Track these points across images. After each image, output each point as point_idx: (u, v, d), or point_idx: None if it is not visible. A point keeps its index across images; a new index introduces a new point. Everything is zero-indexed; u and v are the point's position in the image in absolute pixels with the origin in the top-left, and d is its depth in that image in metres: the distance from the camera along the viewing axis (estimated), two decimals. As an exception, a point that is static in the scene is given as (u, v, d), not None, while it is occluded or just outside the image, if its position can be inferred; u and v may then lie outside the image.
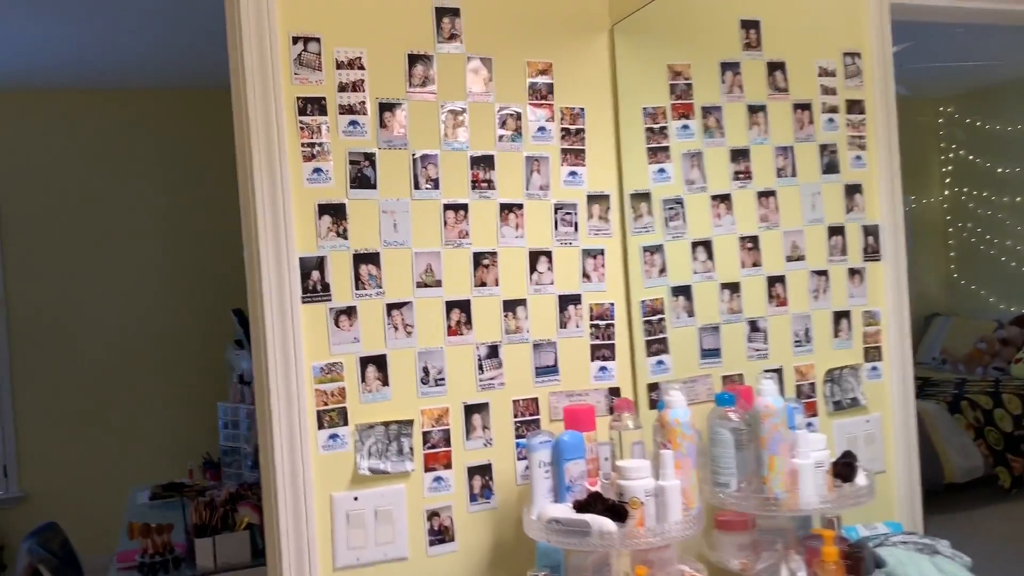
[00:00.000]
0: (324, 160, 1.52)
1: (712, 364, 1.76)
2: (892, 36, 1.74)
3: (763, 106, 1.74)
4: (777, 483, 1.44)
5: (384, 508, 1.54)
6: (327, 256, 1.52)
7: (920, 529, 1.69)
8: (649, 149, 1.75)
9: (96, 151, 5.28)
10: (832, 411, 1.73)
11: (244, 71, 1.47)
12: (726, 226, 1.75)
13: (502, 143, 1.64)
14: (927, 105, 2.26)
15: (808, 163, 1.74)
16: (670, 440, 1.41)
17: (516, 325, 1.65)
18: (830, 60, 1.75)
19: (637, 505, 1.35)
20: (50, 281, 5.20)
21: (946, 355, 2.36)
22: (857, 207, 1.74)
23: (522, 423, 1.65)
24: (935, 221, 2.21)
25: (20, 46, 4.28)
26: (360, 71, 1.54)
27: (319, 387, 1.51)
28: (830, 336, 1.74)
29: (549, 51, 1.68)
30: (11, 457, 5.13)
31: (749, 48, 1.76)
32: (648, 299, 1.75)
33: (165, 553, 2.78)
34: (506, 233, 1.64)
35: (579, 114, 1.70)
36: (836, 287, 1.73)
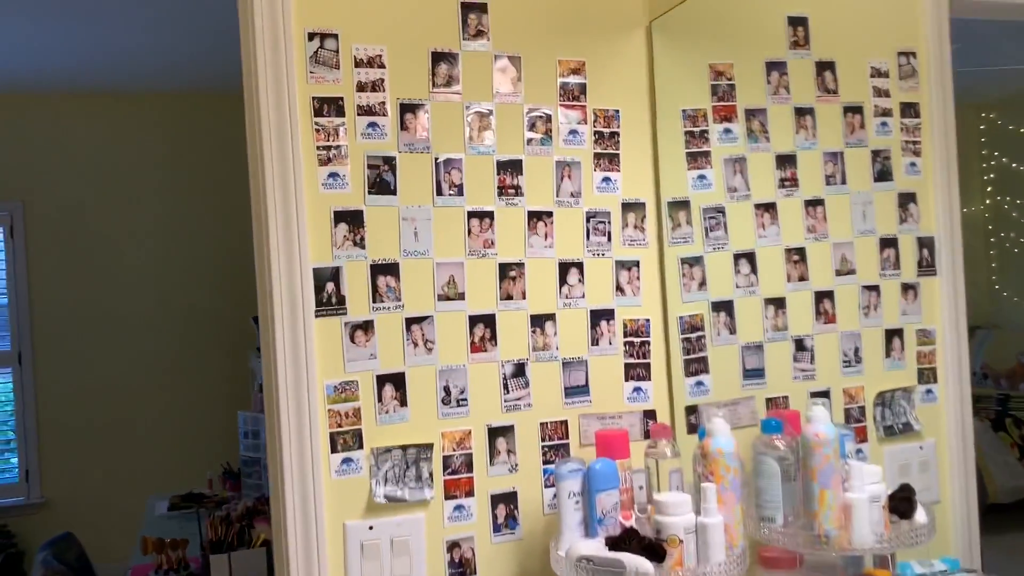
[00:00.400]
0: (341, 164, 1.42)
1: (755, 385, 1.64)
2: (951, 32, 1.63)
3: (811, 108, 1.63)
4: (828, 519, 1.31)
5: (401, 538, 1.43)
6: (343, 266, 1.42)
7: (978, 565, 1.56)
8: (688, 154, 1.64)
9: (120, 155, 5.25)
10: (883, 437, 1.61)
11: (256, 70, 1.38)
12: (771, 237, 1.63)
13: (531, 147, 1.53)
14: (969, 110, 2.15)
15: (859, 170, 1.62)
16: (712, 472, 1.30)
17: (544, 342, 1.54)
18: (883, 60, 1.63)
19: (676, 544, 1.23)
20: (74, 287, 5.17)
21: (987, 370, 2.25)
22: (911, 217, 1.62)
23: (550, 447, 1.53)
24: (976, 231, 2.10)
25: (44, 49, 4.25)
26: (380, 70, 1.44)
27: (332, 407, 1.40)
28: (881, 356, 1.62)
29: (582, 49, 1.57)
30: (33, 463, 5.10)
31: (796, 47, 1.64)
32: (686, 315, 1.64)
33: (180, 569, 2.69)
34: (534, 243, 1.53)
35: (613, 116, 1.59)
36: (888, 303, 1.62)
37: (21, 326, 5.12)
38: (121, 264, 5.24)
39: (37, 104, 5.12)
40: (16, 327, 5.12)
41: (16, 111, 5.08)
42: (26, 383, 5.11)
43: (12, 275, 5.10)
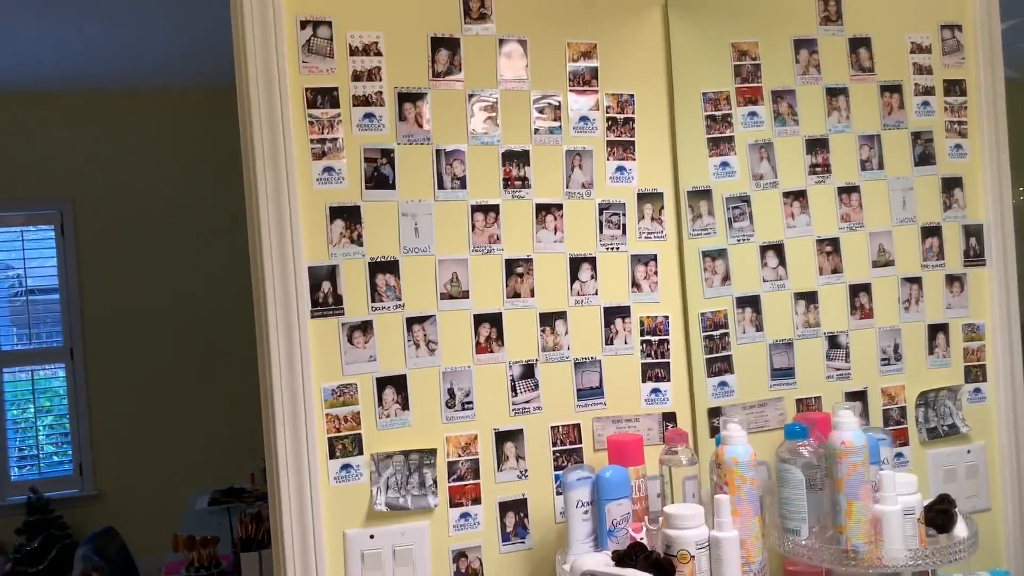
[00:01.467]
0: (336, 158, 1.36)
1: (784, 386, 1.54)
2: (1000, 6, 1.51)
3: (844, 88, 1.52)
4: (856, 533, 1.21)
5: (404, 548, 1.37)
6: (339, 265, 1.36)
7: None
8: (710, 140, 1.54)
9: (166, 153, 5.31)
10: (926, 440, 1.50)
11: (247, 60, 1.33)
12: (801, 227, 1.53)
13: (539, 136, 1.45)
14: None
15: (898, 154, 1.51)
16: (727, 482, 1.20)
17: (555, 341, 1.46)
18: (925, 34, 1.51)
19: (687, 559, 1.14)
20: (122, 283, 5.26)
21: None
22: (957, 204, 1.51)
23: (562, 452, 1.46)
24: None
25: (94, 49, 4.30)
26: (377, 58, 1.38)
27: (330, 411, 1.35)
28: (924, 353, 1.51)
29: (593, 31, 1.48)
30: (87, 456, 5.21)
31: (828, 22, 1.53)
32: (709, 311, 1.54)
33: (211, 566, 2.69)
34: (543, 237, 1.45)
35: (628, 101, 1.50)
36: (931, 297, 1.50)
37: (72, 322, 5.22)
38: (168, 259, 5.31)
39: (87, 104, 5.20)
40: (68, 323, 5.22)
41: (67, 111, 5.17)
42: (78, 378, 5.22)
43: (63, 272, 5.21)
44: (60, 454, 5.30)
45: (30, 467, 5.24)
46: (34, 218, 5.22)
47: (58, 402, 5.30)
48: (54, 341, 5.24)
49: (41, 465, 5.25)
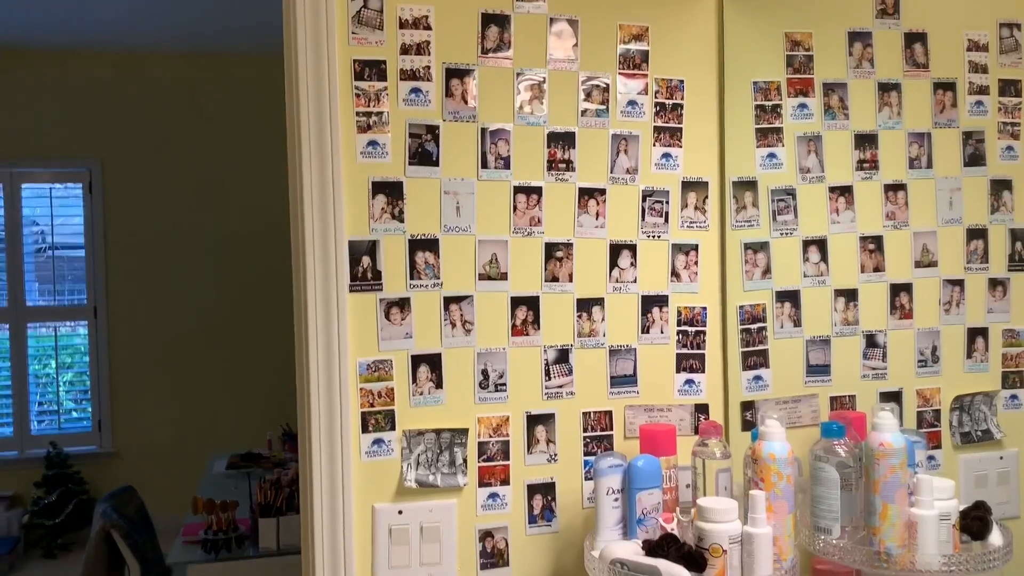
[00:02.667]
0: (381, 132, 1.35)
1: (820, 382, 1.52)
2: None
3: (897, 84, 1.49)
4: (890, 536, 1.20)
5: (431, 525, 1.37)
6: (380, 240, 1.35)
7: (1062, 590, 1.43)
8: (758, 130, 1.51)
9: (194, 116, 5.31)
10: (959, 444, 1.48)
11: (296, 30, 1.31)
12: (845, 223, 1.50)
13: (585, 118, 1.44)
14: None
15: (948, 153, 1.47)
16: (763, 479, 1.19)
17: (591, 327, 1.45)
18: (982, 32, 1.47)
19: (719, 553, 1.14)
20: (147, 244, 5.28)
21: None
22: (1004, 206, 1.47)
23: (592, 439, 1.45)
24: None
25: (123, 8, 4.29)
26: (426, 31, 1.36)
27: (365, 386, 1.35)
28: (962, 356, 1.48)
29: (645, 13, 1.46)
30: (106, 414, 5.26)
31: (884, 15, 1.50)
32: (747, 304, 1.52)
33: (228, 530, 2.71)
34: (584, 222, 1.44)
35: (677, 87, 1.48)
36: (973, 300, 1.48)
37: (97, 281, 5.26)
38: (191, 224, 5.32)
39: (119, 64, 5.20)
40: (92, 282, 5.26)
41: (99, 70, 5.18)
42: (100, 336, 5.26)
43: (90, 231, 5.24)
44: (79, 410, 5.36)
45: (49, 422, 5.31)
46: (62, 175, 5.25)
47: (79, 359, 5.35)
48: (78, 299, 5.29)
49: (61, 420, 5.31)
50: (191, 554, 2.72)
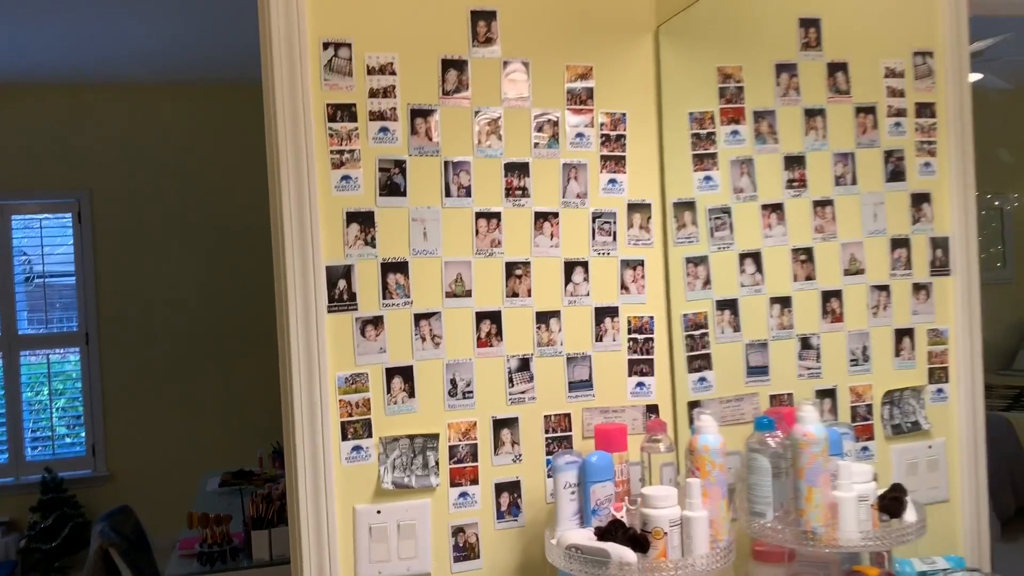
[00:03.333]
0: (353, 167, 1.50)
1: (759, 382, 1.67)
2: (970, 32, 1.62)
3: (822, 110, 1.64)
4: (815, 516, 1.35)
5: (408, 522, 1.52)
6: (354, 265, 1.50)
7: (987, 565, 1.57)
8: (695, 156, 1.67)
9: (180, 145, 5.44)
10: (891, 435, 1.63)
11: (274, 77, 1.46)
12: (777, 237, 1.65)
13: (538, 149, 1.59)
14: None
15: (870, 170, 1.63)
16: (698, 468, 1.34)
17: (549, 337, 1.60)
18: (898, 60, 1.63)
19: (660, 536, 1.28)
20: (136, 271, 5.40)
21: None
22: (925, 217, 1.63)
23: (553, 439, 1.60)
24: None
25: (110, 42, 4.44)
26: (391, 76, 1.51)
27: (343, 398, 1.49)
28: (891, 355, 1.63)
29: (590, 54, 1.62)
30: (99, 438, 5.37)
31: (808, 48, 1.65)
32: (690, 312, 1.67)
33: (223, 543, 2.84)
34: (540, 242, 1.59)
35: (620, 119, 1.64)
36: (899, 303, 1.62)
37: (88, 308, 5.37)
38: (180, 249, 5.45)
39: (108, 96, 5.34)
40: (83, 309, 5.38)
41: (88, 102, 5.31)
42: (92, 362, 5.38)
43: (80, 259, 5.36)
44: (72, 435, 5.46)
45: (43, 448, 5.40)
46: (52, 206, 5.37)
47: (71, 385, 5.46)
48: (70, 326, 5.40)
49: (55, 446, 5.41)
50: (187, 567, 2.84)
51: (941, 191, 1.61)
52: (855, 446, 1.59)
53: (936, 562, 1.53)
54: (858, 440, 1.60)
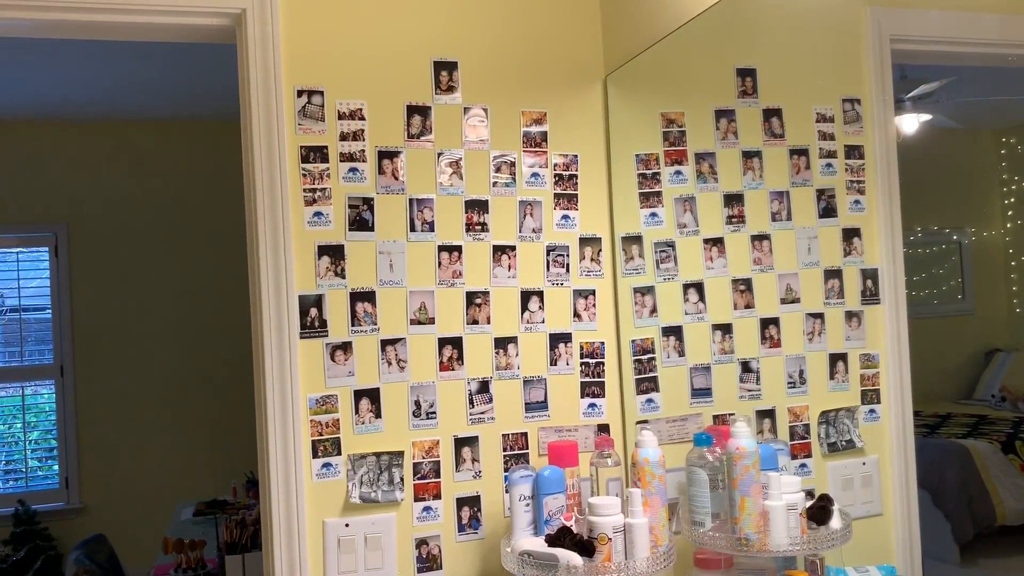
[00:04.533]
0: (325, 204, 1.62)
1: (703, 403, 1.79)
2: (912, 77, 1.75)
3: (758, 152, 1.78)
4: (748, 524, 1.47)
5: (374, 535, 1.62)
6: (325, 294, 1.62)
7: (918, 575, 1.69)
8: (641, 194, 1.81)
9: (156, 178, 5.55)
10: (827, 452, 1.74)
11: (252, 122, 1.59)
12: (718, 268, 1.78)
13: (496, 188, 1.73)
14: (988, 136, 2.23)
15: (804, 207, 1.76)
16: (640, 479, 1.46)
17: (507, 362, 1.72)
18: (828, 106, 1.77)
19: (605, 541, 1.40)
20: (111, 304, 5.47)
21: (1006, 392, 2.29)
22: (855, 251, 1.75)
23: (511, 456, 1.71)
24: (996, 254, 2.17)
25: (87, 81, 4.55)
26: (361, 122, 1.65)
27: (314, 418, 1.60)
28: (826, 378, 1.75)
29: (544, 101, 1.76)
30: (73, 470, 5.38)
31: (745, 95, 1.79)
32: (638, 338, 1.80)
33: (197, 568, 2.90)
34: (499, 273, 1.72)
35: (572, 161, 1.78)
36: (832, 329, 1.74)
37: (63, 341, 5.42)
38: (157, 282, 5.53)
39: (83, 131, 5.44)
40: (59, 341, 5.42)
41: (63, 138, 5.41)
42: (67, 395, 5.41)
43: (56, 293, 5.42)
44: (44, 468, 5.47)
45: (15, 481, 5.41)
46: (28, 240, 5.44)
47: (43, 418, 5.48)
48: (46, 359, 5.44)
49: (28, 479, 5.42)
50: (162, 592, 2.90)
51: (870, 226, 1.75)
52: (791, 462, 1.71)
53: (869, 571, 1.65)
54: (795, 457, 1.72)
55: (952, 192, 1.88)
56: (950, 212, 1.90)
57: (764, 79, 1.80)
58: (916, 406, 1.72)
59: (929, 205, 1.97)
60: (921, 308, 1.93)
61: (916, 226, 1.97)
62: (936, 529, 1.94)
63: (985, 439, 2.13)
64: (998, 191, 2.24)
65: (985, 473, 2.07)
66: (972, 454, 2.00)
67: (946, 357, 1.91)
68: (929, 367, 1.85)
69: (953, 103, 1.86)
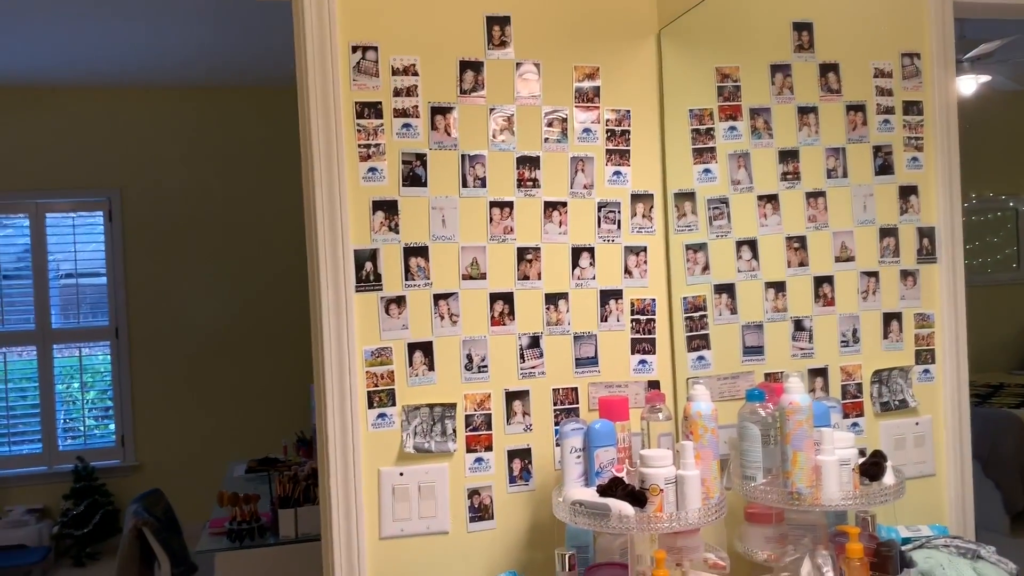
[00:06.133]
0: (379, 160, 1.64)
1: (755, 361, 1.79)
2: (973, 35, 1.71)
3: (814, 107, 1.75)
4: (800, 478, 1.47)
5: (428, 484, 1.65)
6: (380, 248, 1.64)
7: (971, 535, 1.68)
8: (695, 150, 1.80)
9: (209, 144, 5.63)
10: (880, 412, 1.74)
11: (307, 78, 1.61)
12: (772, 226, 1.77)
13: (548, 144, 1.73)
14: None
15: (860, 164, 1.74)
16: (692, 432, 1.47)
17: (558, 317, 1.73)
18: (887, 61, 1.74)
19: (657, 492, 1.41)
20: (164, 268, 5.59)
21: None
22: (912, 209, 1.73)
23: (561, 411, 1.73)
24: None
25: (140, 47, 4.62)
26: (414, 77, 1.65)
27: (370, 370, 1.63)
28: (879, 337, 1.74)
29: (597, 56, 1.75)
30: (128, 429, 5.55)
31: (801, 50, 1.77)
32: (690, 296, 1.80)
33: (251, 521, 2.99)
34: (550, 230, 1.73)
35: (625, 116, 1.77)
36: (887, 289, 1.73)
37: (118, 304, 5.56)
38: (206, 246, 5.63)
39: (137, 98, 5.53)
40: (114, 305, 5.56)
41: (118, 105, 5.51)
42: (122, 356, 5.56)
43: (111, 257, 5.55)
44: (101, 427, 5.64)
45: (74, 438, 5.59)
46: (84, 204, 5.56)
47: (99, 379, 5.64)
48: (101, 321, 5.59)
49: (86, 437, 5.60)
50: (218, 543, 2.99)
51: (927, 184, 1.72)
52: (843, 421, 1.70)
53: (921, 530, 1.64)
54: (847, 416, 1.72)
55: (1009, 157, 1.84)
56: (1007, 178, 1.86)
57: (821, 33, 1.77)
58: (969, 375, 1.71)
59: (985, 170, 1.93)
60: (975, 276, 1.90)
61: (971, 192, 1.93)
62: (987, 499, 1.93)
63: (1023, 409, 2.10)
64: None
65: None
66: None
67: (1000, 326, 1.88)
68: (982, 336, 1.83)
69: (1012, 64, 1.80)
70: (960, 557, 1.53)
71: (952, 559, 1.51)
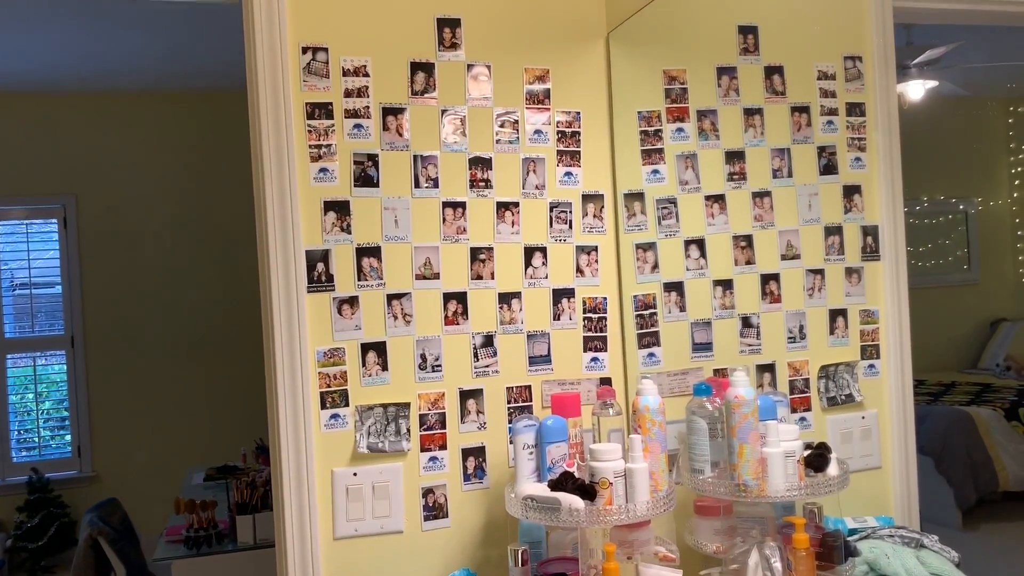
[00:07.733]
0: (330, 160, 1.65)
1: (704, 358, 1.82)
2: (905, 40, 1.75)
3: (760, 109, 1.79)
4: (746, 471, 1.50)
5: (382, 484, 1.66)
6: (332, 249, 1.64)
7: (916, 525, 1.72)
8: (643, 151, 1.83)
9: (163, 149, 5.57)
10: (827, 407, 1.77)
11: (257, 79, 1.61)
12: (719, 225, 1.80)
13: (500, 145, 1.75)
14: (995, 104, 2.24)
15: (805, 164, 1.77)
16: (640, 425, 1.49)
17: (511, 316, 1.75)
18: (830, 64, 1.78)
19: (606, 485, 1.43)
20: (120, 275, 5.51)
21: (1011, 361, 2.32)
22: (856, 207, 1.77)
23: (515, 409, 1.75)
24: (1002, 224, 2.18)
25: (95, 52, 4.57)
26: (365, 78, 1.66)
27: (322, 370, 1.63)
28: (826, 333, 1.77)
29: (547, 58, 1.78)
30: (85, 439, 5.46)
31: (746, 53, 1.80)
32: (640, 294, 1.83)
33: (209, 528, 2.96)
34: (502, 230, 1.74)
35: (575, 118, 1.79)
36: (833, 286, 1.76)
37: (74, 312, 5.47)
38: (163, 253, 5.57)
39: (90, 103, 5.46)
40: (69, 313, 5.48)
41: (71, 110, 5.43)
42: (78, 365, 5.47)
43: (66, 264, 5.46)
44: (57, 438, 5.55)
45: (28, 450, 5.49)
46: (38, 212, 5.47)
47: (55, 389, 5.55)
48: (56, 330, 5.50)
49: (40, 449, 5.50)
50: (174, 551, 2.96)
51: (870, 183, 1.76)
52: (791, 415, 1.74)
53: (867, 521, 1.68)
54: (795, 411, 1.75)
55: (958, 161, 1.89)
56: (956, 182, 1.91)
57: (765, 36, 1.81)
58: (921, 375, 1.75)
59: (935, 174, 1.97)
60: (928, 277, 1.95)
61: (922, 196, 1.97)
62: (939, 495, 1.97)
63: (989, 406, 2.16)
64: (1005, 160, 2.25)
65: (988, 439, 2.11)
66: (975, 421, 2.03)
67: (951, 327, 1.93)
68: (934, 337, 1.87)
69: (960, 69, 1.86)
70: (904, 546, 1.57)
71: (896, 548, 1.55)
